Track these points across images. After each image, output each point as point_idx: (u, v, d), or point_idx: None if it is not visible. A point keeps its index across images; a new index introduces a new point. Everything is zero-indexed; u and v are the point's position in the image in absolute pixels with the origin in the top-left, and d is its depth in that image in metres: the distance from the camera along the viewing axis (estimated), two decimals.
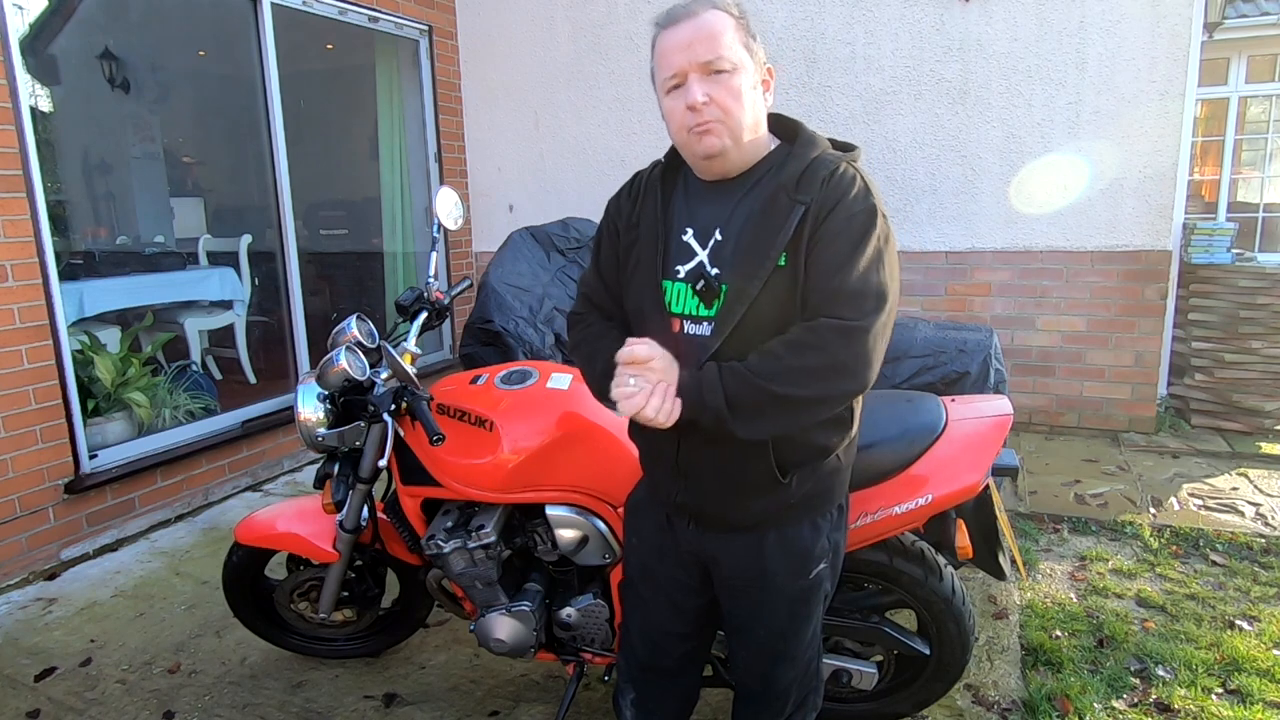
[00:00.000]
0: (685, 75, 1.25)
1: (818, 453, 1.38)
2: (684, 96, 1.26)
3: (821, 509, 1.45)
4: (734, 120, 1.26)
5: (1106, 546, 3.29)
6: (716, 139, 1.26)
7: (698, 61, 1.24)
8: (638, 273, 1.39)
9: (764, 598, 1.47)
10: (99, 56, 5.31)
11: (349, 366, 1.93)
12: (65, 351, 3.32)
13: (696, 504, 1.45)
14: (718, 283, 1.29)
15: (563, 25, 5.34)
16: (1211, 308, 4.70)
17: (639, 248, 1.39)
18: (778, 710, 1.60)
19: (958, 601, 1.95)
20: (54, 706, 2.40)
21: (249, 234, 5.05)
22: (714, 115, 1.25)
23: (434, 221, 2.24)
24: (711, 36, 1.24)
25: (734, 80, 1.25)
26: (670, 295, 1.35)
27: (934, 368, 3.27)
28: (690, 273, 1.33)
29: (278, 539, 2.29)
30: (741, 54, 1.26)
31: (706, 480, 1.40)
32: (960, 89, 4.57)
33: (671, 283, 1.35)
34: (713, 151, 1.28)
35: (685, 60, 1.25)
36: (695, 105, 1.24)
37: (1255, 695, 2.30)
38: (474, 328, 3.49)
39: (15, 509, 3.16)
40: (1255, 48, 5.71)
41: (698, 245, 1.33)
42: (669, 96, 1.29)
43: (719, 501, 1.42)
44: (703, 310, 1.31)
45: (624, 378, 1.25)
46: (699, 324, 1.32)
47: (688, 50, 1.25)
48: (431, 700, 2.38)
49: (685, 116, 1.26)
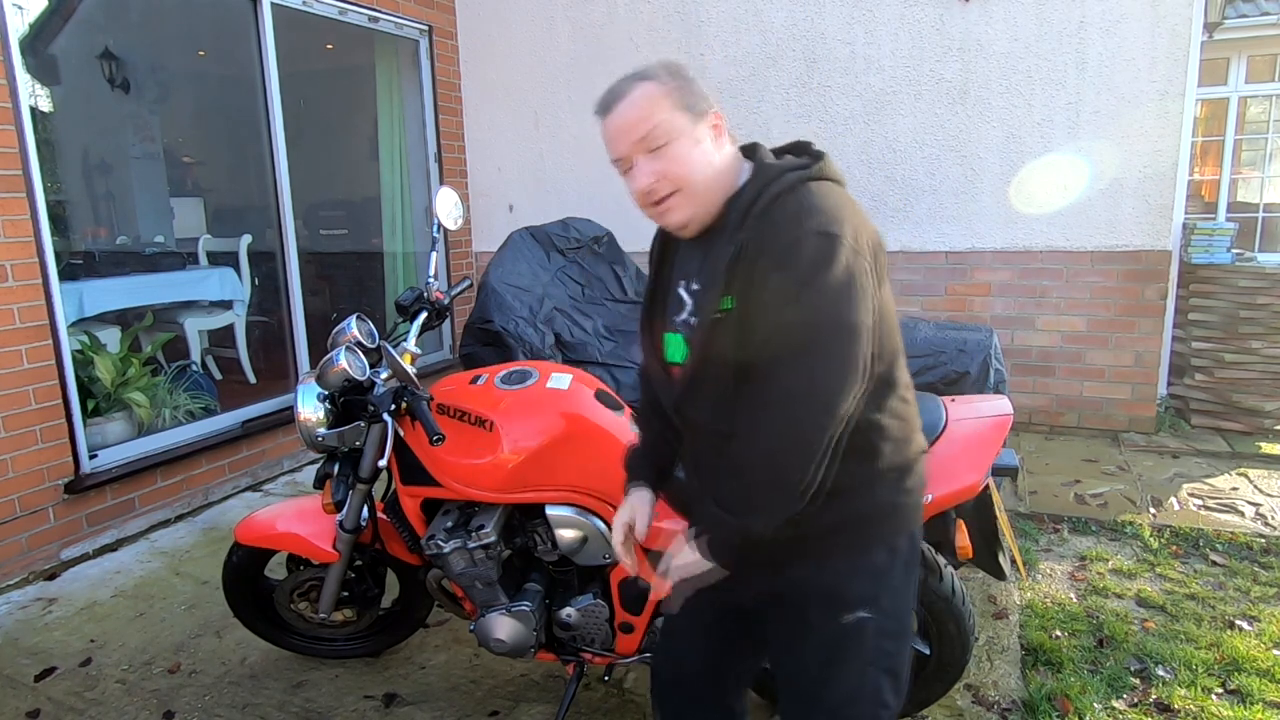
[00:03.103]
0: (630, 158, 1.27)
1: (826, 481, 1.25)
2: (634, 180, 1.27)
3: (859, 547, 1.31)
4: (689, 185, 1.25)
5: (1106, 546, 3.29)
6: (678, 213, 1.27)
7: (634, 141, 1.25)
8: (644, 326, 1.45)
9: (795, 634, 1.38)
10: (99, 56, 5.31)
11: (349, 366, 1.93)
12: (65, 351, 3.32)
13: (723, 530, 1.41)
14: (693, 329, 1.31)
15: (563, 25, 5.34)
16: (1211, 308, 4.70)
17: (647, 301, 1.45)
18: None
19: (958, 601, 1.95)
20: (54, 706, 2.40)
21: (249, 234, 5.05)
22: (666, 189, 1.25)
23: (434, 221, 2.24)
24: (640, 115, 1.24)
25: (675, 149, 1.24)
26: (670, 347, 1.38)
27: (934, 368, 3.27)
28: (681, 322, 1.35)
29: (278, 539, 2.29)
30: (678, 121, 1.24)
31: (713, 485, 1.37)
32: (960, 89, 4.58)
33: (672, 334, 1.37)
34: (677, 225, 1.30)
35: (624, 145, 1.26)
36: (645, 189, 1.26)
37: (1255, 695, 2.30)
38: (474, 328, 3.49)
39: (15, 509, 3.16)
40: (1255, 48, 5.71)
41: (686, 295, 1.35)
42: (625, 178, 1.30)
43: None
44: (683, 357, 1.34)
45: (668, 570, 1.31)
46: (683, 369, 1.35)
47: (623, 135, 1.26)
48: (431, 700, 2.38)
49: (642, 197, 1.28)
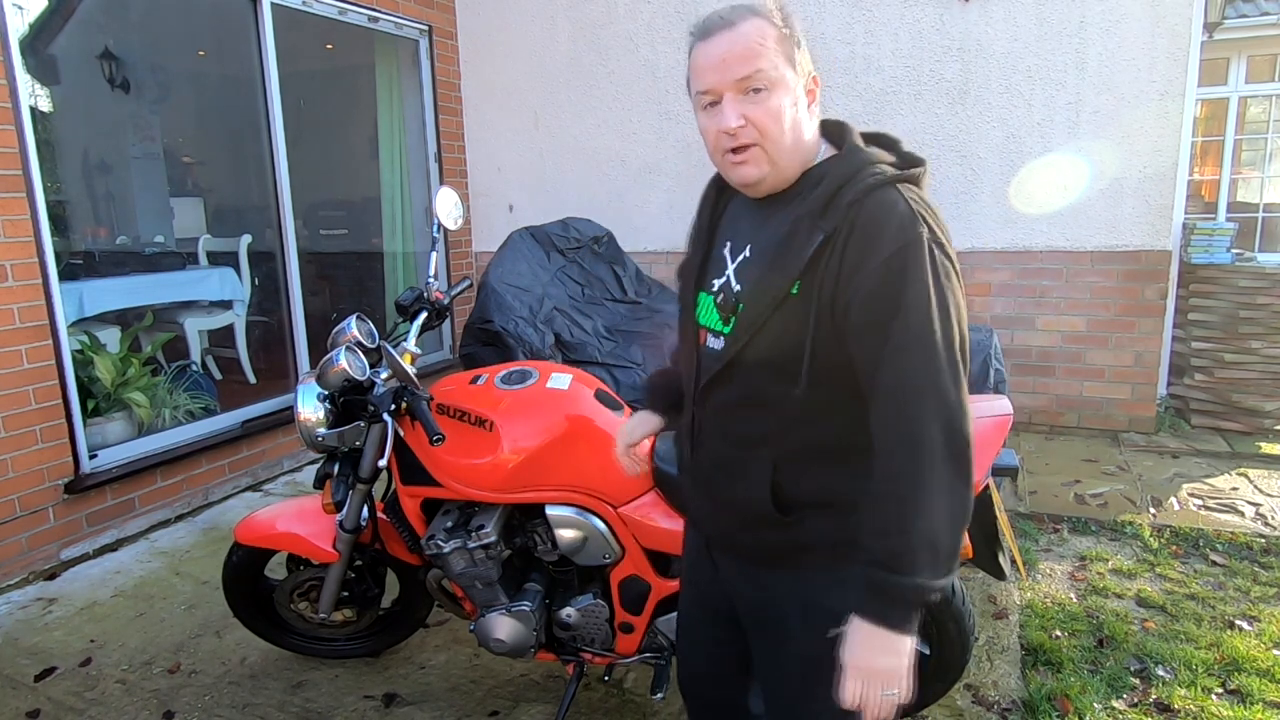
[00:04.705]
0: (720, 94, 1.15)
1: (827, 498, 1.22)
2: (718, 117, 1.16)
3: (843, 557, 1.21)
4: (772, 143, 1.15)
5: (1106, 546, 3.29)
6: (753, 168, 1.17)
7: (733, 79, 1.13)
8: (685, 279, 1.39)
9: (778, 645, 1.34)
10: (99, 56, 5.31)
11: (349, 366, 1.93)
12: (65, 351, 3.32)
13: (707, 525, 1.39)
14: (736, 300, 1.23)
15: (563, 25, 5.34)
16: (1211, 308, 4.70)
17: (691, 254, 1.39)
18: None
19: (958, 601, 1.96)
20: (54, 706, 2.40)
21: (249, 234, 5.05)
22: (750, 138, 1.15)
23: (434, 221, 2.24)
24: (748, 51, 1.12)
25: (772, 99, 1.13)
26: (701, 307, 1.32)
27: None
28: (720, 286, 1.28)
29: (278, 539, 2.29)
30: (782, 69, 1.14)
31: (710, 498, 1.35)
32: (960, 89, 4.57)
33: (705, 294, 1.32)
34: (748, 182, 1.20)
35: (719, 78, 1.14)
36: (729, 130, 1.14)
37: (1255, 695, 2.30)
38: (474, 328, 3.49)
39: (15, 509, 3.16)
40: (1255, 48, 5.71)
41: (730, 258, 1.28)
42: (704, 113, 1.19)
43: (724, 524, 1.34)
44: (719, 325, 1.27)
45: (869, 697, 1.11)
46: (717, 338, 1.27)
47: (722, 67, 1.13)
48: (431, 700, 2.38)
49: (720, 139, 1.17)
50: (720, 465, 1.30)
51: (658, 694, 2.07)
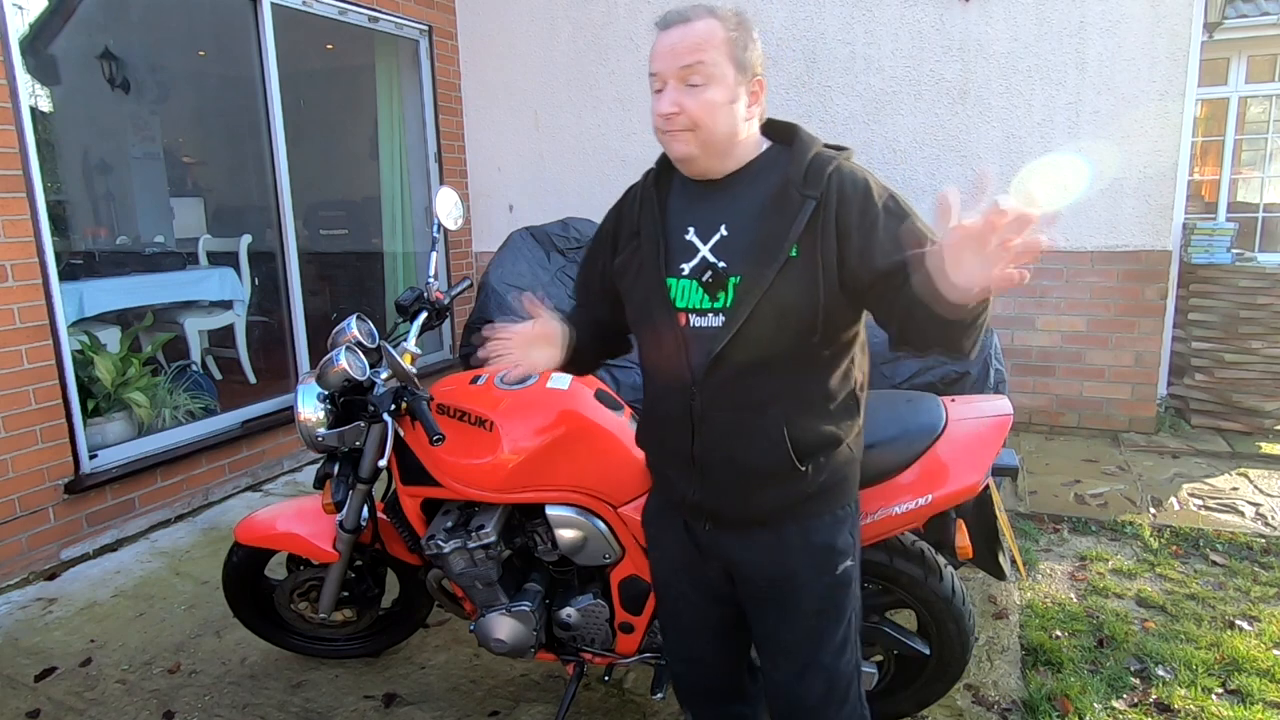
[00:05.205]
0: (665, 80, 1.29)
1: (831, 440, 1.38)
2: (659, 101, 1.30)
3: (840, 501, 1.44)
4: (704, 132, 1.29)
5: (1106, 546, 3.29)
6: (683, 145, 1.30)
7: (676, 67, 1.27)
8: (640, 276, 1.41)
9: (789, 600, 1.43)
10: (99, 56, 5.31)
11: (349, 366, 1.93)
12: (65, 351, 3.32)
13: (713, 500, 1.42)
14: (725, 275, 1.32)
15: (563, 25, 5.34)
16: (1211, 308, 4.70)
17: (640, 253, 1.42)
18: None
19: (958, 601, 1.95)
20: (54, 706, 2.40)
21: (249, 234, 5.05)
22: (682, 125, 1.28)
23: (434, 221, 2.24)
24: (694, 46, 1.26)
25: (707, 93, 1.27)
26: (675, 291, 1.37)
27: (934, 368, 3.27)
28: (695, 268, 1.36)
29: (278, 539, 2.29)
30: (723, 68, 1.27)
31: (722, 472, 1.39)
32: (960, 89, 4.57)
33: (676, 280, 1.37)
34: (679, 156, 1.33)
35: (665, 65, 1.28)
36: (664, 114, 1.29)
37: (1255, 695, 2.30)
38: (474, 328, 3.49)
39: (15, 509, 3.16)
40: (1255, 48, 5.71)
41: (699, 241, 1.36)
42: (654, 95, 1.33)
43: (737, 494, 1.40)
44: (708, 303, 1.34)
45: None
46: (705, 316, 1.34)
47: (670, 55, 1.28)
48: (431, 700, 2.38)
49: (658, 119, 1.31)
50: (734, 433, 1.36)
51: (658, 694, 2.07)
